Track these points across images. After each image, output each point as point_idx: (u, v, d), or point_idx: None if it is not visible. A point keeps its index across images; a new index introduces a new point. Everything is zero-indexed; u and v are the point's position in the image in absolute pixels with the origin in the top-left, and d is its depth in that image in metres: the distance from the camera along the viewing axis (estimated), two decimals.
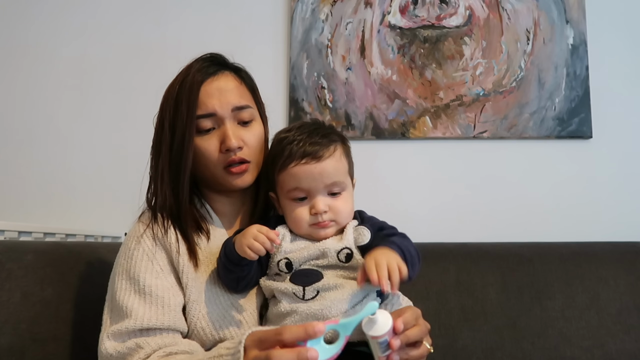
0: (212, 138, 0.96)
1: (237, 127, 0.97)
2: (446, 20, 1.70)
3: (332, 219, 0.91)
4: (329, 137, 0.93)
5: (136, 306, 0.88)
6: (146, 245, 0.94)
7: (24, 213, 1.73)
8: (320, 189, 0.90)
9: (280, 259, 0.89)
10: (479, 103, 1.67)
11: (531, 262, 1.38)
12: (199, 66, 0.97)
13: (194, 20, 1.77)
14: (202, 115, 0.95)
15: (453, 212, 1.66)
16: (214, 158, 0.96)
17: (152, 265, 0.92)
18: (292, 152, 0.90)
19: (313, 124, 0.97)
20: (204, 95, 0.95)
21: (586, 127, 1.63)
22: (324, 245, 0.89)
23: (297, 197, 0.91)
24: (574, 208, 1.63)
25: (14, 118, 1.80)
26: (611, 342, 1.29)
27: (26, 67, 1.81)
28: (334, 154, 0.91)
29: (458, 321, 1.32)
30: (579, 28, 1.66)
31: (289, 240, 0.92)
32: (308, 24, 1.73)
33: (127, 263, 0.93)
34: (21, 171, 1.78)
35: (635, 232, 1.55)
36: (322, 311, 0.82)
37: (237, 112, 0.97)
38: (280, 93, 1.71)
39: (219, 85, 0.97)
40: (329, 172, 0.90)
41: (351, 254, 0.88)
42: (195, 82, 0.95)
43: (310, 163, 0.89)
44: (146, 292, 0.90)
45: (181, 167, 0.95)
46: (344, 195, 0.93)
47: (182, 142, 0.94)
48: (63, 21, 1.81)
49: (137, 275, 0.91)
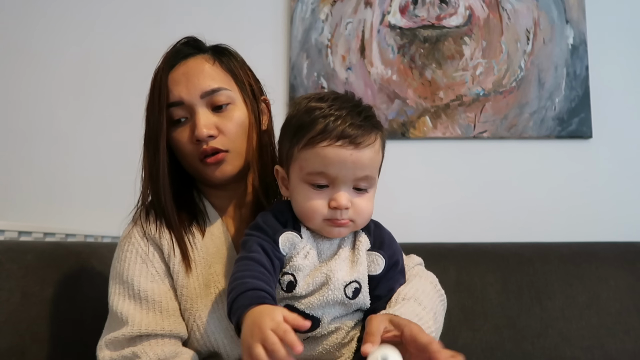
0: (185, 128, 0.88)
1: (210, 114, 0.88)
2: (446, 20, 1.70)
3: (351, 219, 0.78)
4: (372, 121, 0.79)
5: (132, 312, 0.83)
6: (139, 247, 0.89)
7: (24, 213, 1.73)
8: (349, 181, 0.76)
9: (287, 273, 0.77)
10: (479, 103, 1.67)
11: (531, 262, 1.38)
12: (170, 53, 0.91)
13: (194, 21, 1.77)
14: (171, 103, 0.88)
15: (453, 212, 1.66)
16: (188, 149, 0.88)
17: (147, 267, 0.87)
18: (328, 129, 0.75)
19: (351, 99, 0.81)
20: (171, 83, 0.88)
21: (586, 127, 1.63)
22: (331, 273, 0.76)
23: (318, 184, 0.77)
24: (573, 208, 1.63)
25: (14, 118, 1.80)
26: (611, 342, 1.29)
27: (27, 67, 1.81)
28: (374, 143, 0.78)
29: (458, 321, 1.32)
30: (579, 28, 1.66)
31: (306, 250, 0.79)
32: (308, 24, 1.73)
33: (120, 266, 0.88)
34: (21, 171, 1.77)
35: (635, 232, 1.55)
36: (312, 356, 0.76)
37: (209, 98, 0.88)
38: (280, 93, 1.71)
39: (185, 70, 0.89)
40: (364, 164, 0.76)
41: (359, 289, 0.78)
42: (163, 70, 0.89)
43: (346, 148, 0.74)
44: (142, 297, 0.84)
45: (156, 161, 0.88)
46: (370, 195, 0.80)
47: (155, 135, 0.87)
48: (64, 22, 1.81)
49: (130, 279, 0.86)
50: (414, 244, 1.40)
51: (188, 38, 0.94)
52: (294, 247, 0.78)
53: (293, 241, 0.78)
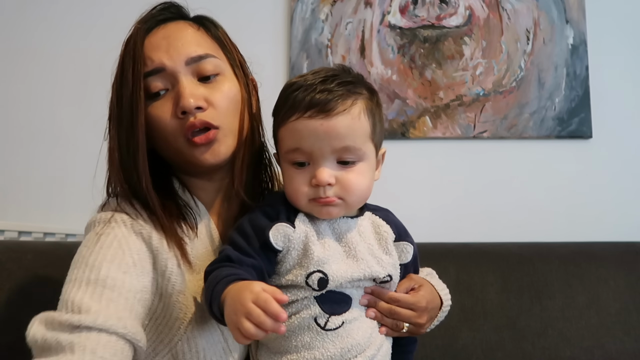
0: (165, 102, 0.74)
1: (196, 83, 0.75)
2: (446, 20, 1.70)
3: (339, 196, 0.71)
4: (349, 86, 0.71)
5: (87, 301, 0.64)
6: (119, 231, 0.72)
7: (24, 213, 1.73)
8: (327, 154, 0.69)
9: (313, 271, 0.69)
10: (479, 103, 1.67)
11: (531, 262, 1.38)
12: (145, 17, 0.78)
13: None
14: (149, 72, 0.73)
15: (453, 212, 1.66)
16: (170, 126, 0.74)
17: (123, 254, 0.70)
18: (296, 102, 0.69)
19: (335, 68, 0.74)
20: (148, 49, 0.75)
21: (586, 127, 1.63)
22: (369, 270, 0.72)
23: (297, 162, 0.71)
24: (573, 208, 1.63)
25: (14, 118, 1.80)
26: (611, 342, 1.29)
27: (26, 67, 1.81)
28: (351, 109, 0.69)
29: (458, 321, 1.32)
30: (579, 28, 1.66)
31: (316, 239, 0.72)
32: (308, 24, 1.73)
33: (88, 250, 0.70)
34: (21, 171, 1.77)
35: (635, 232, 1.55)
36: (341, 355, 0.70)
37: (195, 65, 0.75)
38: None
39: (166, 34, 0.76)
40: (340, 133, 0.68)
41: (391, 279, 0.75)
42: (138, 35, 0.75)
43: (315, 118, 0.68)
44: (107, 284, 0.66)
45: (134, 142, 0.73)
46: (360, 167, 0.72)
47: (130, 111, 0.73)
48: (64, 22, 1.81)
49: (98, 264, 0.68)
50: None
51: (167, 3, 0.81)
52: (289, 240, 0.72)
53: (285, 233, 0.71)
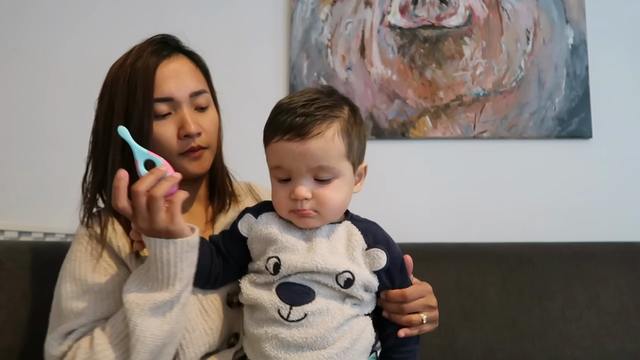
0: (169, 123, 0.90)
1: (194, 112, 0.93)
2: (446, 20, 1.70)
3: (315, 209, 0.79)
4: (326, 110, 0.78)
5: (85, 305, 0.85)
6: (89, 246, 0.90)
7: (24, 213, 1.73)
8: (304, 172, 0.78)
9: (271, 257, 0.80)
10: (479, 103, 1.67)
11: (531, 262, 1.38)
12: (152, 48, 0.92)
13: (193, 21, 1.77)
14: (159, 99, 0.89)
15: (453, 212, 1.66)
16: (171, 144, 0.90)
17: (98, 262, 0.88)
18: (278, 124, 0.78)
19: (319, 91, 0.83)
20: (160, 78, 0.90)
21: (586, 127, 1.63)
22: (323, 262, 0.78)
23: (280, 178, 0.80)
24: (573, 208, 1.63)
25: (14, 118, 1.80)
26: (611, 342, 1.30)
27: (26, 68, 1.81)
28: (326, 132, 0.77)
29: (458, 321, 1.32)
30: (579, 28, 1.66)
31: (279, 231, 0.82)
32: (308, 24, 1.73)
33: (71, 266, 0.89)
34: (21, 171, 1.77)
35: (635, 232, 1.55)
36: (306, 340, 0.76)
37: (194, 98, 0.92)
38: (280, 93, 1.71)
39: (175, 68, 0.92)
40: (315, 154, 0.77)
41: (352, 280, 0.79)
42: (150, 64, 0.89)
43: (292, 140, 0.77)
44: (95, 290, 0.86)
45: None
46: (335, 184, 0.79)
47: (141, 128, 0.87)
48: (63, 22, 1.81)
49: (84, 276, 0.87)
50: (414, 244, 1.40)
51: (165, 35, 0.96)
52: (251, 228, 0.83)
53: (249, 222, 0.84)
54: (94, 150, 0.96)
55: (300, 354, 0.77)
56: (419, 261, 1.33)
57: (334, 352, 0.77)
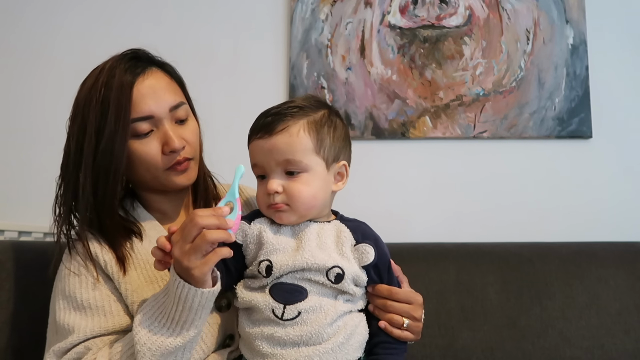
0: (152, 141, 0.90)
1: (175, 126, 0.93)
2: (446, 20, 1.70)
3: (285, 202, 0.83)
4: (296, 109, 0.84)
5: (78, 321, 0.87)
6: (76, 262, 0.92)
7: (24, 213, 1.73)
8: (274, 166, 0.83)
9: (263, 260, 0.82)
10: (479, 103, 1.67)
11: (531, 262, 1.38)
12: (125, 65, 0.91)
13: (193, 21, 1.77)
14: (138, 118, 0.89)
15: (453, 212, 1.66)
16: (156, 161, 0.91)
17: (85, 278, 0.90)
18: (254, 126, 0.86)
19: (305, 98, 0.90)
20: (137, 97, 0.89)
21: (586, 127, 1.63)
22: (312, 258, 0.81)
23: (258, 175, 0.86)
24: (573, 208, 1.63)
25: (14, 118, 1.80)
26: (611, 342, 1.29)
27: (26, 67, 1.81)
28: (291, 128, 0.82)
29: (458, 321, 1.32)
30: (579, 28, 1.66)
31: (270, 234, 0.84)
32: (308, 24, 1.73)
33: (61, 284, 0.92)
34: (21, 171, 1.77)
35: (635, 232, 1.55)
36: (301, 338, 0.78)
37: (174, 112, 0.92)
38: (280, 93, 1.71)
39: (151, 84, 0.91)
40: (280, 149, 0.82)
41: (342, 274, 0.81)
42: (125, 83, 0.88)
43: (262, 138, 0.83)
44: (85, 306, 0.88)
45: (110, 175, 0.88)
46: (304, 178, 0.83)
47: (112, 149, 0.87)
48: (63, 22, 1.81)
49: (73, 293, 0.89)
50: (414, 244, 1.40)
51: (134, 50, 0.96)
52: (246, 235, 0.85)
53: (243, 229, 0.85)
54: (66, 171, 0.95)
55: (297, 349, 0.79)
56: (419, 261, 1.33)
57: (330, 347, 0.80)
